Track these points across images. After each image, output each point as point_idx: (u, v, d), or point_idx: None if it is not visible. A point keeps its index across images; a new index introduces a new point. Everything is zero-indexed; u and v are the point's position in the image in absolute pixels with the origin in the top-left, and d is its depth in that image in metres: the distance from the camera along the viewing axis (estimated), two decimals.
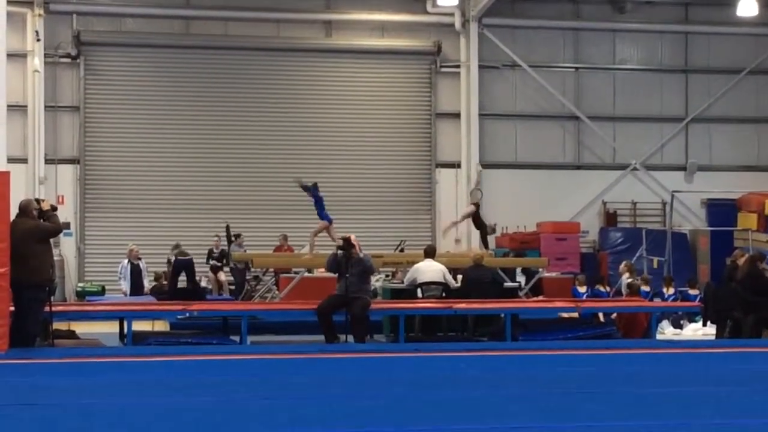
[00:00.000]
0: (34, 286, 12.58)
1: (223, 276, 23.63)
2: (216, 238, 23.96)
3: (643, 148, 28.28)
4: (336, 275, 15.35)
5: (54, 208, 13.25)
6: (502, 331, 15.63)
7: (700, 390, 9.64)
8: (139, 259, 21.76)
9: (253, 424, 7.68)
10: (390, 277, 20.59)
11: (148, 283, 21.78)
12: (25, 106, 25.24)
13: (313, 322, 15.20)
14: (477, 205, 20.44)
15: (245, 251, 22.78)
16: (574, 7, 28.17)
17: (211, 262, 23.74)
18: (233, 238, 23.46)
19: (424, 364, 12.36)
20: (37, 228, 12.71)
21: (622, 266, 20.98)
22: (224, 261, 23.61)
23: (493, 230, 22.09)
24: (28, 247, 12.43)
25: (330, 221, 17.68)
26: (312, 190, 17.86)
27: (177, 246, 21.91)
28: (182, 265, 21.04)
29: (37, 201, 13.26)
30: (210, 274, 23.52)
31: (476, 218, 20.27)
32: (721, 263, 22.91)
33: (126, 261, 21.58)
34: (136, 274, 21.43)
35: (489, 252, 20.47)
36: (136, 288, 21.19)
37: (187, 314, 16.19)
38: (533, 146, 27.88)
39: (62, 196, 25.46)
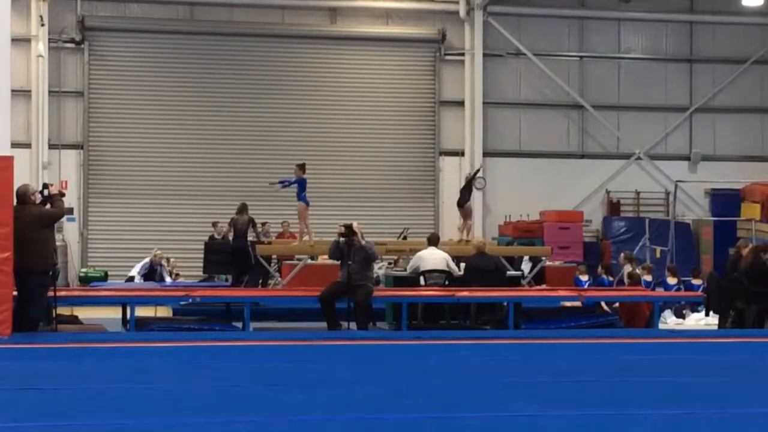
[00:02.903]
0: (37, 272, 12.59)
1: None
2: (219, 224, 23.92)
3: (647, 137, 28.24)
4: (339, 262, 15.37)
5: (62, 194, 13.26)
6: (505, 320, 15.64)
7: (702, 380, 9.65)
8: (161, 265, 22.04)
9: (255, 411, 7.69)
10: (392, 265, 20.58)
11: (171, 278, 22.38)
12: (29, 91, 25.23)
13: (315, 309, 15.21)
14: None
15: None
16: None
17: None
18: (259, 227, 23.17)
19: (426, 351, 12.36)
20: (40, 213, 12.72)
21: (621, 257, 20.90)
22: None
23: (478, 171, 22.14)
24: (32, 232, 12.43)
25: (308, 204, 17.37)
26: (294, 182, 17.33)
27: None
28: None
29: (45, 185, 13.25)
30: None
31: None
32: (724, 253, 22.86)
33: (148, 260, 21.94)
34: (152, 272, 21.81)
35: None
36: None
37: (190, 300, 16.21)
38: (537, 135, 27.85)
39: (66, 182, 25.43)
